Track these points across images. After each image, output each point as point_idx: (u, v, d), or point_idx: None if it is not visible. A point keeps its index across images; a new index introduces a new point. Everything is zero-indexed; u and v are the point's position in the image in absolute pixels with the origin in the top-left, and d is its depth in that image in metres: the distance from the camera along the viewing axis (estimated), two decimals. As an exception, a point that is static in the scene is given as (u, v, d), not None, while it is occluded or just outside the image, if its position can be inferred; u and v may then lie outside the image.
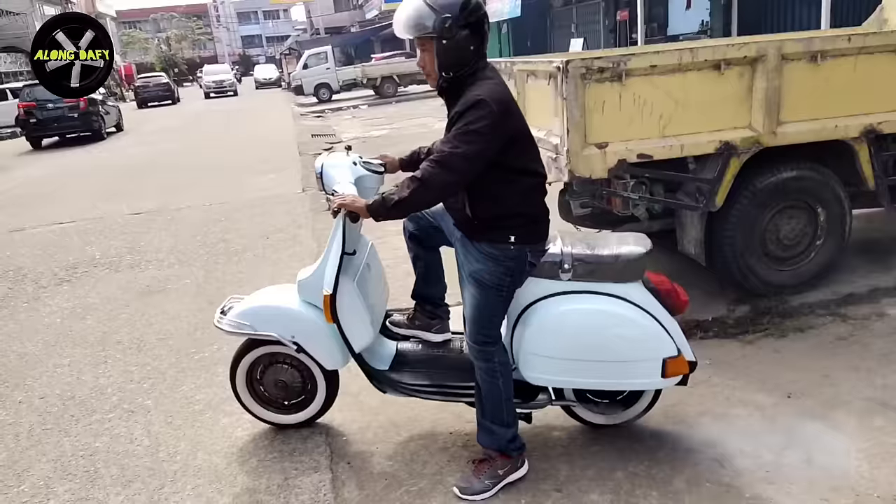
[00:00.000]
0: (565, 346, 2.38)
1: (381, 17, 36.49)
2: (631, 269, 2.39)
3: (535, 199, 2.29)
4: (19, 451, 2.86)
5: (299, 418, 2.81)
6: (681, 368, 2.40)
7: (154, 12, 70.79)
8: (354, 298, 2.54)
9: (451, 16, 2.08)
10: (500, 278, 2.26)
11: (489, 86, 2.15)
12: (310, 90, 24.92)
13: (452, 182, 2.16)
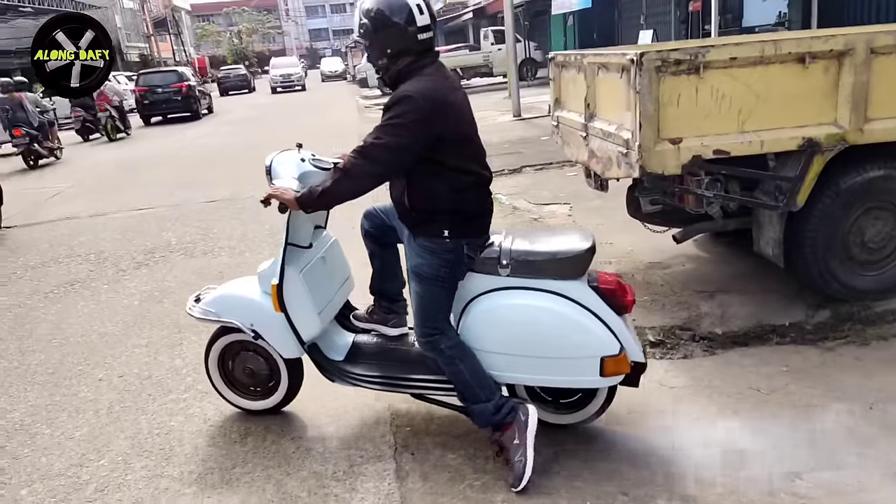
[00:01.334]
0: (501, 341, 2.43)
1: (445, 9, 36.49)
2: (571, 266, 2.41)
3: (472, 197, 2.38)
4: (99, 426, 3.01)
5: (266, 405, 2.92)
6: (621, 368, 2.39)
7: (227, 6, 72.90)
8: (300, 289, 2.62)
9: (367, 21, 2.31)
10: (437, 270, 2.36)
11: (422, 82, 2.26)
12: (374, 83, 25.13)
13: (374, 172, 2.28)
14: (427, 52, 2.35)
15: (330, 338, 2.83)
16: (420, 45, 2.32)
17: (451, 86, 2.39)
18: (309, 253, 2.76)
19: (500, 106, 16.22)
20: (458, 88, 2.45)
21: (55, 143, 13.29)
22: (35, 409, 3.20)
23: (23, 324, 4.38)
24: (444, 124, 2.26)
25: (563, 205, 6.35)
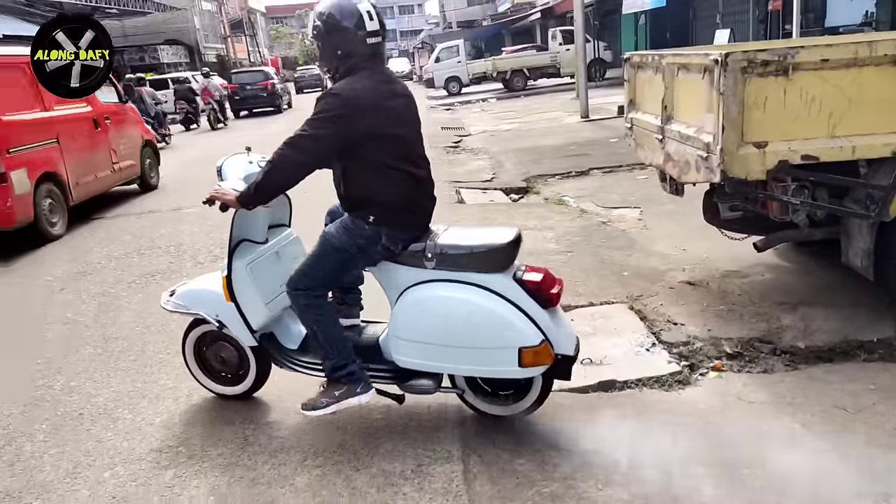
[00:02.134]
0: (425, 332, 2.55)
1: (513, 10, 36.37)
2: (492, 259, 2.51)
3: (400, 191, 2.53)
4: (178, 413, 3.12)
5: (237, 390, 3.12)
6: (541, 360, 2.46)
7: (299, 8, 74.74)
8: (246, 280, 2.83)
9: (320, 23, 2.48)
10: (346, 245, 2.56)
11: (353, 82, 2.46)
12: (440, 83, 25.34)
13: (300, 161, 2.44)
14: (373, 57, 2.53)
15: (286, 327, 3.03)
16: (368, 49, 2.50)
17: (386, 88, 2.55)
18: (262, 248, 2.95)
19: (567, 107, 16.03)
20: (396, 92, 2.60)
21: (167, 131, 15.91)
22: (118, 395, 3.35)
23: (107, 311, 4.60)
24: (365, 122, 2.42)
25: (633, 209, 6.21)
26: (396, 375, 2.71)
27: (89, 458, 2.81)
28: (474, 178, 8.58)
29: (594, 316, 3.84)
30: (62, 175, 7.19)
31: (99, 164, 8.15)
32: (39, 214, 6.67)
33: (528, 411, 2.73)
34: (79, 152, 7.63)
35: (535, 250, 5.09)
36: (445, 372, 2.69)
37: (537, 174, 8.38)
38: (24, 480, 2.69)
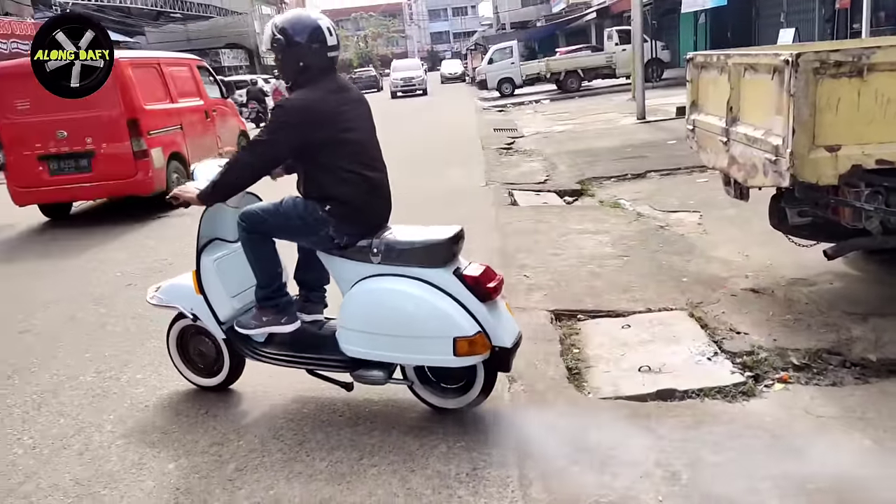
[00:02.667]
0: (369, 322, 2.74)
1: (567, 10, 36.00)
2: (432, 254, 2.69)
3: (355, 194, 2.76)
4: (241, 409, 3.20)
5: (212, 382, 3.32)
6: (476, 349, 2.61)
7: (355, 11, 75.90)
8: (212, 275, 3.08)
9: (282, 37, 2.68)
10: (298, 214, 2.81)
11: (304, 93, 2.71)
12: (493, 84, 25.30)
13: (253, 163, 2.76)
14: (328, 70, 2.76)
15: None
16: (327, 62, 2.74)
17: (337, 97, 2.77)
18: (233, 245, 3.14)
19: (623, 108, 15.78)
20: (349, 99, 2.83)
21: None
22: (181, 389, 3.45)
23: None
24: (311, 130, 2.68)
25: (693, 213, 6.06)
26: (349, 365, 2.86)
27: (154, 449, 2.91)
28: (527, 179, 8.53)
29: (652, 322, 3.76)
30: (185, 154, 8.66)
31: (209, 148, 9.45)
32: (170, 185, 7.83)
33: (474, 404, 2.84)
34: (195, 137, 9.17)
35: (591, 254, 5.02)
36: (387, 360, 2.81)
37: (592, 176, 8.27)
38: (92, 470, 2.80)
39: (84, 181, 7.83)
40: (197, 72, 9.80)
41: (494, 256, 5.16)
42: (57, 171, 7.82)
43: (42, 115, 7.62)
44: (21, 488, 2.71)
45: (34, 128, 7.69)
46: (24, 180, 7.96)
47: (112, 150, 7.76)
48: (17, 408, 3.43)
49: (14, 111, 7.75)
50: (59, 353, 4.09)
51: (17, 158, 7.92)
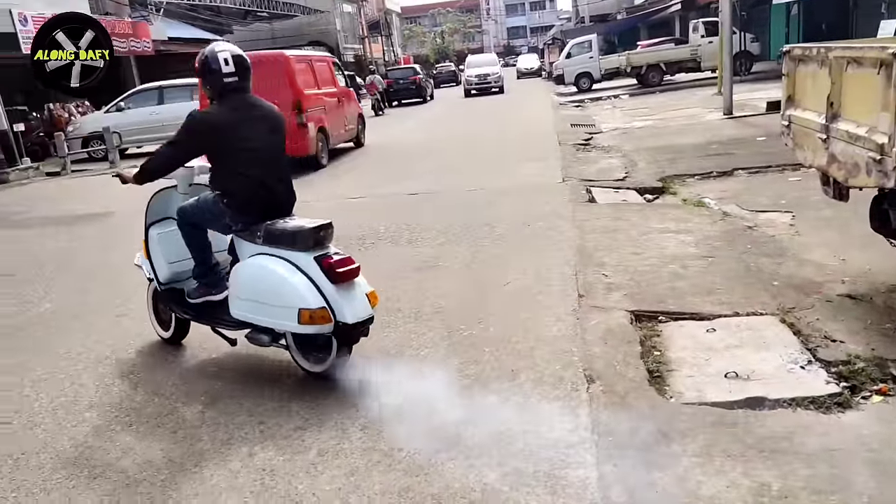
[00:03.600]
0: (245, 290, 3.38)
1: (650, 2, 34.97)
2: (297, 240, 3.25)
3: (247, 192, 3.40)
4: (322, 395, 3.28)
5: (166, 335, 4.07)
6: (318, 321, 3.13)
7: (433, 8, 76.35)
8: (154, 244, 3.85)
9: (198, 65, 3.46)
10: (207, 208, 3.55)
11: (210, 108, 3.50)
12: (570, 80, 24.91)
13: (167, 157, 3.54)
14: (233, 91, 3.43)
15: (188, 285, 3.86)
16: (226, 86, 3.42)
17: (239, 114, 3.42)
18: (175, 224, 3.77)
19: (708, 103, 15.22)
20: (252, 116, 3.46)
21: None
22: (270, 374, 3.58)
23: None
24: (206, 139, 3.41)
25: (784, 213, 5.78)
26: (238, 326, 3.51)
27: (241, 430, 3.03)
28: (606, 176, 8.35)
29: (739, 327, 3.61)
30: (326, 127, 11.79)
31: (340, 125, 12.91)
32: (318, 152, 11.34)
33: (331, 369, 3.33)
34: (332, 115, 12.27)
35: (673, 254, 4.87)
36: (256, 323, 3.38)
37: (674, 174, 8.02)
38: (185, 447, 2.95)
39: None
40: (332, 67, 13.35)
41: (571, 254, 5.10)
42: None
43: None
44: (118, 463, 2.88)
45: None
46: None
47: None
48: (115, 387, 3.66)
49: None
50: (154, 335, 4.31)
51: None
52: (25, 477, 2.84)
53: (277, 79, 10.33)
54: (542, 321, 3.91)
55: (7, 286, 5.94)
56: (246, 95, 3.51)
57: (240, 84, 3.45)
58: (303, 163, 10.87)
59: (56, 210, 10.08)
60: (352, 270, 3.24)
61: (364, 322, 3.23)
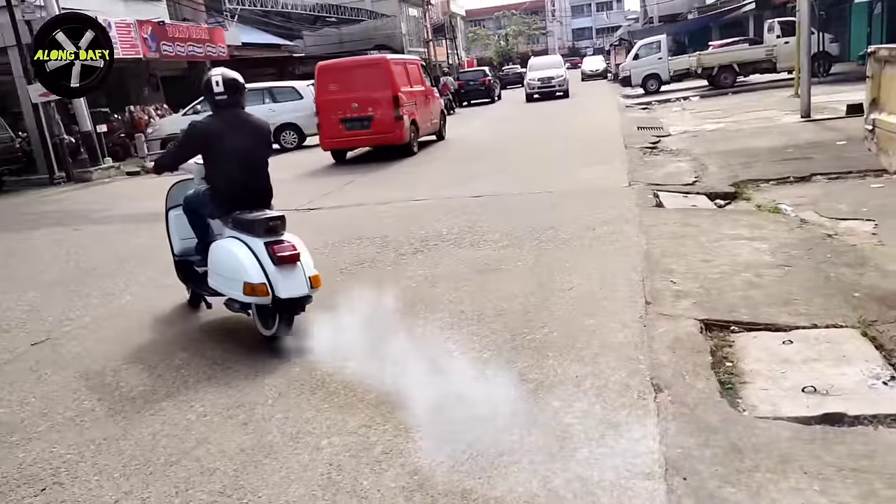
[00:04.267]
0: (213, 264, 4.23)
1: (723, 1, 33.95)
2: (251, 227, 4.01)
3: (227, 188, 4.20)
4: (385, 393, 3.33)
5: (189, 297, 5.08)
6: (258, 293, 3.85)
7: (497, 10, 76.32)
8: (172, 223, 4.91)
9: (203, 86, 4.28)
10: (198, 198, 4.42)
11: (205, 120, 4.31)
12: (637, 81, 24.44)
13: (171, 154, 4.60)
14: (223, 107, 4.23)
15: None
16: (218, 102, 4.22)
17: (225, 126, 4.18)
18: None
19: (783, 105, 14.66)
20: (237, 128, 4.19)
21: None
22: (333, 371, 3.65)
23: (322, 292, 5.03)
24: (199, 145, 4.26)
25: (866, 221, 5.50)
26: (217, 295, 4.37)
27: (309, 425, 3.11)
28: (674, 180, 8.15)
29: (818, 339, 3.45)
30: (417, 121, 13.72)
31: (427, 119, 14.82)
32: (410, 140, 13.29)
33: (278, 334, 4.02)
34: (422, 111, 14.19)
35: (746, 262, 4.71)
36: (224, 293, 4.23)
37: (747, 178, 7.75)
38: (255, 440, 3.05)
39: (364, 135, 12.95)
40: (420, 68, 15.46)
41: (638, 260, 5.00)
42: (350, 129, 12.91)
43: (343, 94, 12.72)
44: (194, 451, 3.00)
45: (338, 102, 12.75)
46: (330, 134, 13.18)
47: (382, 115, 12.61)
48: (190, 378, 3.81)
49: (327, 91, 12.99)
50: (229, 330, 4.48)
51: (326, 121, 13.03)
52: (107, 461, 3.00)
53: (379, 78, 12.60)
54: (607, 327, 3.85)
55: (91, 279, 6.28)
56: (236, 110, 4.27)
57: (229, 101, 4.22)
58: (399, 150, 13.05)
59: (135, 208, 10.59)
60: (291, 255, 3.90)
61: (298, 298, 3.93)
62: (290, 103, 17.69)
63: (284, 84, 19.35)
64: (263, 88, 18.33)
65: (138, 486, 2.78)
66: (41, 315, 5.31)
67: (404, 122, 12.78)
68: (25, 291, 6.08)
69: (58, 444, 3.20)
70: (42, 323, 5.11)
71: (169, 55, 20.56)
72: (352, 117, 12.81)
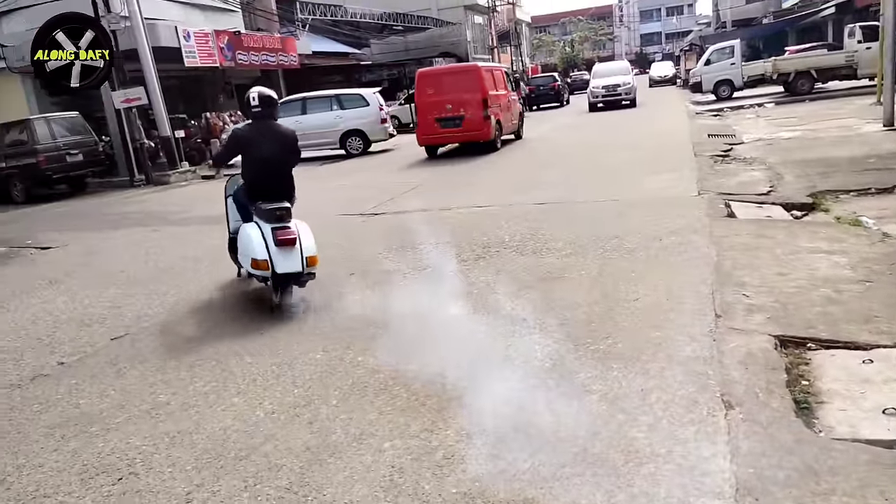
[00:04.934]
0: (240, 244, 5.22)
1: (801, 5, 32.72)
2: (265, 216, 4.98)
3: (254, 182, 5.18)
4: (446, 399, 3.35)
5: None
6: (260, 267, 4.89)
7: (563, 17, 75.74)
8: (228, 207, 5.84)
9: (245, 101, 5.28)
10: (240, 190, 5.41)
11: (242, 127, 5.36)
12: (709, 87, 23.74)
13: (219, 154, 5.67)
14: (258, 117, 5.17)
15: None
16: (253, 114, 5.16)
17: (257, 133, 5.16)
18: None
19: (864, 113, 13.97)
20: (266, 136, 5.14)
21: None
22: (396, 373, 3.71)
23: (387, 297, 5.11)
24: (237, 148, 5.24)
25: (957, 236, 5.17)
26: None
27: (372, 427, 3.16)
28: (747, 190, 7.87)
29: (903, 360, 3.27)
30: (501, 121, 15.66)
31: (509, 120, 16.74)
32: (495, 138, 15.20)
33: (280, 303, 5.01)
34: (504, 113, 16.13)
35: (825, 277, 4.50)
36: (245, 268, 5.35)
37: (826, 189, 7.41)
38: (320, 439, 3.11)
39: (456, 132, 15.00)
40: (504, 74, 17.45)
41: (708, 271, 4.85)
42: (443, 127, 14.94)
43: (439, 97, 14.85)
44: (262, 447, 3.10)
45: (434, 104, 14.86)
46: (426, 132, 15.21)
47: (472, 115, 14.62)
48: (259, 376, 3.94)
49: (425, 94, 15.16)
50: (297, 333, 4.60)
51: (424, 120, 15.17)
52: (180, 454, 3.13)
53: (471, 82, 14.80)
54: (674, 341, 3.75)
55: (167, 277, 6.57)
56: (268, 121, 5.20)
57: (263, 113, 5.15)
58: (485, 146, 15.09)
59: (210, 210, 10.98)
60: (290, 239, 4.87)
61: (293, 274, 4.89)
62: (357, 110, 18.11)
63: (352, 91, 19.77)
64: (331, 96, 18.83)
65: (209, 479, 2.89)
66: (121, 311, 5.59)
67: (491, 121, 14.78)
68: (107, 288, 6.41)
69: (134, 435, 3.36)
70: (122, 319, 5.38)
71: (243, 63, 21.32)
72: (446, 117, 14.83)
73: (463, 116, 14.64)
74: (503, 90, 16.36)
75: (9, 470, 3.17)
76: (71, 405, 3.83)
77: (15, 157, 15.27)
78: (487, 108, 14.58)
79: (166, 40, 17.65)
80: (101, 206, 13.74)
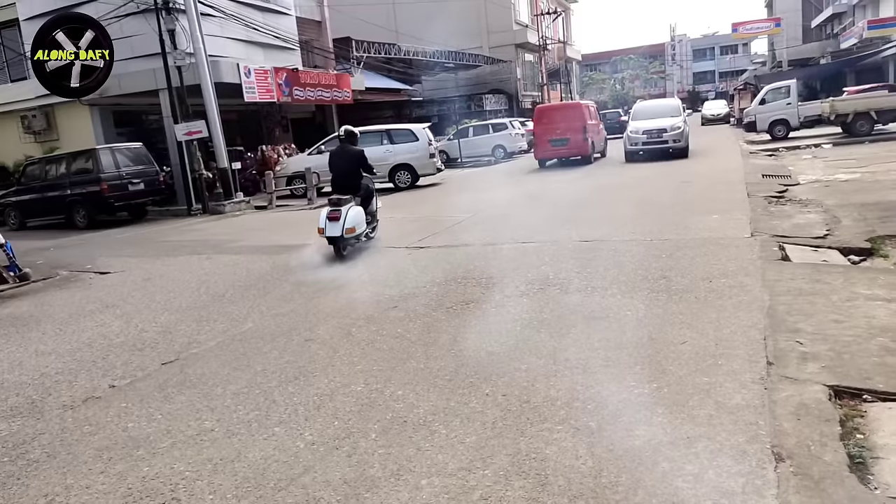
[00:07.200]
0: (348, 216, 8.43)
1: (860, 46, 32.06)
2: (330, 203, 8.44)
3: (334, 181, 9.10)
4: (485, 438, 3.32)
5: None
6: (320, 233, 8.36)
7: (615, 55, 75.93)
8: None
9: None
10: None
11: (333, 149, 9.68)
12: (763, 127, 23.33)
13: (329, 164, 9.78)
14: (340, 143, 9.27)
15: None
16: (339, 140, 9.38)
17: (335, 153, 9.16)
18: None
19: (930, 156, 13.42)
20: (340, 155, 9.02)
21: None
22: (435, 410, 3.70)
23: (429, 332, 5.13)
24: (329, 162, 9.18)
25: None
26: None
27: (410, 463, 3.15)
28: (802, 233, 7.64)
29: (970, 417, 3.09)
30: (594, 143, 21.90)
31: (598, 142, 22.92)
32: (590, 155, 21.30)
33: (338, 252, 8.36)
34: (595, 137, 22.16)
35: (883, 325, 4.32)
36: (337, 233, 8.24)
37: (885, 234, 7.14)
38: (358, 472, 3.12)
39: (564, 149, 20.99)
40: (596, 109, 24.54)
41: (759, 316, 4.71)
42: (554, 146, 21.01)
43: (550, 125, 21.15)
44: (301, 479, 3.12)
45: (547, 129, 21.19)
46: (542, 150, 21.45)
47: (575, 138, 20.68)
48: (301, 406, 3.98)
49: (541, 123, 21.69)
50: (336, 362, 4.65)
51: (540, 141, 21.47)
52: (221, 482, 3.17)
53: (575, 114, 21.22)
54: (723, 387, 3.64)
55: (218, 305, 6.74)
56: (346, 146, 8.97)
57: (344, 140, 9.01)
58: (582, 160, 20.93)
59: (261, 240, 11.31)
60: (334, 216, 8.14)
61: (335, 237, 8.17)
62: (406, 145, 18.53)
63: (402, 126, 20.34)
64: (382, 131, 19.29)
65: (248, 507, 2.92)
66: (172, 337, 5.76)
67: (588, 142, 20.87)
68: (160, 314, 6.62)
69: (178, 461, 3.43)
70: (172, 344, 5.54)
71: (299, 99, 22.01)
72: (555, 138, 20.91)
73: (568, 139, 20.64)
74: (595, 120, 22.88)
75: (57, 490, 3.28)
76: (119, 428, 3.94)
77: (80, 185, 16.04)
78: (586, 133, 20.63)
79: (228, 76, 18.41)
80: (159, 233, 14.26)
